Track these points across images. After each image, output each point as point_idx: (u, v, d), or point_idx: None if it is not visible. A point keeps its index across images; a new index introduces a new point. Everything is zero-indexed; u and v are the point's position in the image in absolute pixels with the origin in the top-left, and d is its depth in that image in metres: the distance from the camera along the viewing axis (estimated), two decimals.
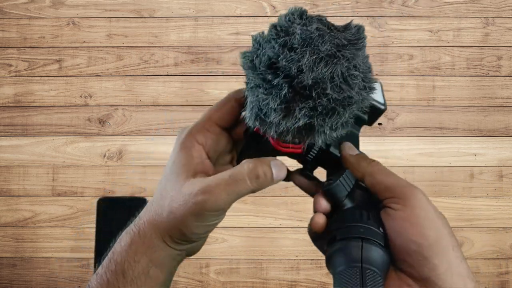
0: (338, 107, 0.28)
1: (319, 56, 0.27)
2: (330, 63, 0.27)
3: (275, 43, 0.28)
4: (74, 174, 1.43)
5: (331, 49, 0.28)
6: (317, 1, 1.48)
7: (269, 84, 0.28)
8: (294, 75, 0.27)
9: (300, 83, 0.27)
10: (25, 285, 1.40)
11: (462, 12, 1.47)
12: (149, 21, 1.48)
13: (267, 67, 0.28)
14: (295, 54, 0.27)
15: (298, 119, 0.28)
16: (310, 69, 0.27)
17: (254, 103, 0.29)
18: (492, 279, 1.39)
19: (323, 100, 0.27)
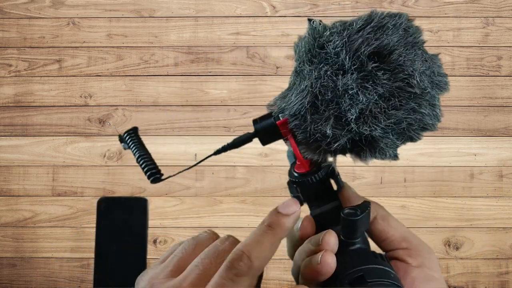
0: (415, 131, 0.25)
1: (425, 69, 0.25)
2: (432, 83, 0.25)
3: (393, 31, 0.24)
4: (74, 174, 1.43)
5: (430, 68, 0.26)
6: (317, 1, 1.48)
7: (363, 73, 0.23)
8: (402, 78, 0.23)
9: (402, 89, 0.23)
10: (25, 285, 1.40)
11: (462, 12, 1.47)
12: (149, 21, 1.48)
13: (371, 55, 0.24)
14: (413, 55, 0.24)
15: (377, 126, 0.23)
16: (420, 79, 0.24)
17: (315, 84, 0.24)
18: (492, 279, 1.39)
19: (413, 116, 0.24)
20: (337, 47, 0.24)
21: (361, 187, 1.41)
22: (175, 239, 1.39)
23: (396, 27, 0.25)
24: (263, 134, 0.28)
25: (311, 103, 0.24)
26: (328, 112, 0.24)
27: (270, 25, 1.47)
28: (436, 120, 0.26)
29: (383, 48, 0.24)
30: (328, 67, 0.24)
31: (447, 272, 1.39)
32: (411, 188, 1.42)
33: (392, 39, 0.24)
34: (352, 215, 0.27)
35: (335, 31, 0.25)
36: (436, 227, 1.40)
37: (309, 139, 0.25)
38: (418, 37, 0.25)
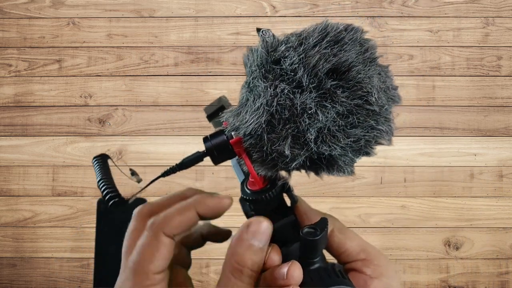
0: (371, 147, 0.24)
1: (383, 86, 0.25)
2: (387, 97, 0.25)
3: (351, 47, 0.23)
4: (74, 174, 1.43)
5: (385, 83, 0.26)
6: (317, 1, 1.48)
7: (321, 92, 0.22)
8: (360, 95, 0.23)
9: (361, 107, 0.23)
10: (25, 285, 1.40)
11: (462, 12, 1.47)
12: (149, 21, 1.48)
13: (329, 72, 0.23)
14: (371, 71, 0.23)
15: (336, 145, 0.23)
16: (378, 96, 0.23)
17: (270, 103, 0.23)
18: (492, 279, 1.39)
19: (371, 134, 0.24)
20: (293, 64, 0.23)
21: (361, 187, 1.41)
22: None
23: (353, 42, 0.24)
24: (215, 153, 0.27)
25: (268, 122, 0.23)
26: (285, 132, 0.23)
27: (270, 25, 1.47)
28: (391, 135, 0.25)
29: (342, 65, 0.23)
30: (285, 85, 0.23)
31: (447, 272, 1.39)
32: (411, 188, 1.42)
33: (350, 55, 0.23)
34: (312, 235, 0.26)
35: (291, 46, 0.24)
36: (436, 227, 1.40)
37: (265, 158, 0.23)
38: (374, 52, 0.25)
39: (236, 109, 0.25)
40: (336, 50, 0.23)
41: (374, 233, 1.40)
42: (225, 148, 0.26)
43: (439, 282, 1.39)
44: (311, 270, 0.27)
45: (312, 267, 0.27)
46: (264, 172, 0.24)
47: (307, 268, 0.26)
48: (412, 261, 1.40)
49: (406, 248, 1.40)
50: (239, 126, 0.24)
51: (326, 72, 0.23)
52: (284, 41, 0.25)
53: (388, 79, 0.26)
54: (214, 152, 0.27)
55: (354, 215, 1.41)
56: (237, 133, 0.24)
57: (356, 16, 1.48)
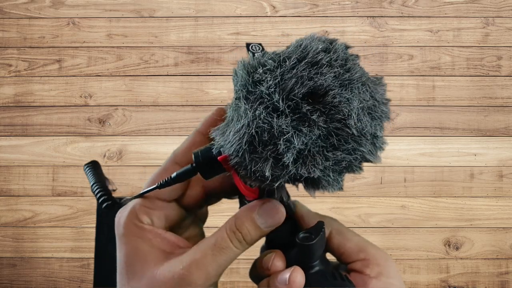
0: (356, 166, 0.24)
1: (364, 106, 0.24)
2: (372, 117, 0.24)
3: (328, 69, 0.23)
4: (74, 174, 1.43)
5: (371, 101, 0.25)
6: (317, 1, 1.48)
7: (298, 115, 0.23)
8: (338, 119, 0.23)
9: (340, 130, 0.23)
10: (25, 285, 1.40)
11: (462, 12, 1.47)
12: (149, 21, 1.48)
13: (304, 96, 0.23)
14: (349, 94, 0.23)
15: (315, 168, 0.23)
16: (358, 119, 0.23)
17: (250, 124, 0.23)
18: (492, 279, 1.39)
19: (352, 156, 0.23)
20: (270, 87, 0.23)
21: (361, 187, 1.41)
22: None
23: (331, 64, 0.24)
24: (204, 169, 0.27)
25: (249, 143, 0.23)
26: (266, 153, 0.23)
27: (270, 25, 1.47)
28: (379, 152, 0.25)
29: (318, 89, 0.23)
30: (263, 108, 0.23)
31: (447, 272, 1.39)
32: (411, 188, 1.42)
33: (326, 79, 0.23)
34: (308, 240, 0.26)
35: (268, 68, 0.24)
36: (436, 227, 1.40)
37: (250, 176, 0.24)
38: (355, 73, 0.24)
39: (223, 126, 0.25)
40: (313, 73, 0.23)
41: (374, 233, 1.40)
42: (214, 164, 0.26)
43: (439, 282, 1.39)
44: (310, 274, 0.27)
45: (312, 271, 0.27)
46: (256, 184, 0.25)
47: (307, 272, 0.27)
48: (412, 261, 1.40)
49: (406, 248, 1.40)
50: (223, 145, 0.24)
51: (302, 96, 0.23)
52: (262, 63, 0.24)
53: (377, 94, 0.25)
54: (204, 168, 0.27)
55: (354, 215, 1.41)
56: (224, 150, 0.25)
57: (356, 16, 1.48)
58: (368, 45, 1.46)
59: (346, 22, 1.48)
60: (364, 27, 1.47)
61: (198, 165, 0.27)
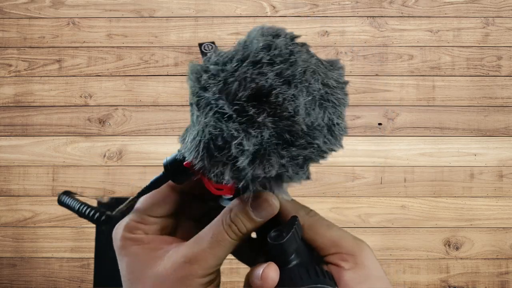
0: (316, 157, 0.24)
1: (314, 97, 0.23)
2: (323, 108, 0.24)
3: (269, 68, 0.23)
4: (74, 174, 1.43)
5: (324, 89, 0.24)
6: (317, 1, 1.48)
7: (245, 117, 0.22)
8: (286, 116, 0.22)
9: (290, 126, 0.23)
10: (25, 285, 1.40)
11: (462, 12, 1.47)
12: (149, 21, 1.48)
13: (249, 98, 0.22)
14: (293, 90, 0.22)
15: (272, 167, 0.23)
16: (306, 113, 0.23)
17: (204, 130, 0.23)
18: (492, 279, 1.39)
19: (308, 150, 0.23)
20: (215, 93, 0.23)
21: (361, 187, 1.41)
22: None
23: (272, 61, 0.23)
24: (174, 176, 0.27)
25: (206, 149, 0.23)
26: (223, 158, 0.23)
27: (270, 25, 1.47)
28: (338, 139, 0.25)
29: (261, 90, 0.22)
30: (212, 114, 0.23)
31: (447, 272, 1.39)
32: (411, 188, 1.42)
33: (268, 79, 0.22)
34: (278, 238, 0.26)
35: (212, 73, 0.23)
36: (436, 227, 1.40)
37: (215, 179, 0.24)
38: (298, 67, 0.23)
39: (184, 132, 0.25)
40: (255, 74, 0.23)
41: (374, 233, 1.40)
42: (181, 170, 0.27)
43: (439, 282, 1.39)
44: (286, 269, 0.27)
45: (288, 266, 0.27)
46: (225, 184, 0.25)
47: (283, 268, 0.27)
48: (412, 261, 1.40)
49: (406, 248, 1.40)
50: (184, 152, 0.25)
51: (247, 99, 0.22)
52: (206, 68, 0.24)
53: (330, 80, 0.25)
54: (173, 175, 0.27)
55: (354, 215, 1.41)
56: (185, 157, 0.25)
57: (356, 16, 1.48)
58: (368, 45, 1.46)
59: (346, 22, 1.48)
60: (364, 27, 1.47)
61: (168, 172, 0.27)
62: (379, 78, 1.45)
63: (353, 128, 1.43)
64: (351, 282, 0.26)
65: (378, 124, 1.44)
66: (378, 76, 1.45)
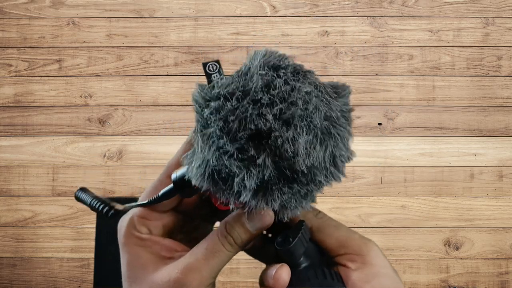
0: (319, 190, 0.24)
1: (315, 134, 0.23)
2: (325, 144, 0.24)
3: (268, 110, 0.23)
4: (74, 174, 1.43)
5: (325, 123, 0.24)
6: (317, 1, 1.48)
7: (246, 156, 0.23)
8: (286, 157, 0.23)
9: (291, 167, 0.23)
10: (25, 285, 1.40)
11: (462, 12, 1.47)
12: (149, 21, 1.48)
13: (250, 137, 0.23)
14: (293, 131, 0.23)
15: (274, 201, 0.23)
16: (306, 154, 0.23)
17: (209, 161, 0.23)
18: (492, 279, 1.39)
19: (310, 186, 0.24)
20: (217, 130, 0.23)
21: (361, 187, 1.41)
22: None
23: (272, 102, 0.23)
24: (183, 191, 0.28)
25: (211, 179, 0.24)
26: (227, 187, 0.24)
27: (270, 25, 1.47)
28: (340, 172, 0.25)
29: (260, 131, 0.23)
30: (215, 149, 0.23)
31: (447, 272, 1.39)
32: (411, 188, 1.42)
33: (267, 122, 0.23)
34: (285, 244, 0.27)
35: (214, 109, 0.24)
36: (436, 227, 1.40)
37: (221, 201, 0.25)
38: (297, 108, 0.23)
39: (190, 155, 0.25)
40: (255, 115, 0.23)
41: (374, 233, 1.40)
42: (190, 187, 0.27)
43: (439, 282, 1.39)
44: (297, 271, 0.27)
45: (299, 268, 0.28)
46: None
47: (294, 270, 0.27)
48: (412, 261, 1.40)
49: (406, 248, 1.40)
50: (191, 176, 0.25)
51: (247, 138, 0.23)
52: (207, 101, 0.25)
53: (333, 112, 0.25)
54: (182, 191, 0.28)
55: (354, 215, 1.41)
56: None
57: (356, 16, 1.48)
58: (368, 45, 1.46)
59: (346, 22, 1.48)
60: (364, 27, 1.47)
61: (177, 187, 0.28)
62: (379, 78, 1.45)
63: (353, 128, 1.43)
64: (358, 282, 0.27)
65: (378, 124, 1.44)
66: (378, 76, 1.45)
